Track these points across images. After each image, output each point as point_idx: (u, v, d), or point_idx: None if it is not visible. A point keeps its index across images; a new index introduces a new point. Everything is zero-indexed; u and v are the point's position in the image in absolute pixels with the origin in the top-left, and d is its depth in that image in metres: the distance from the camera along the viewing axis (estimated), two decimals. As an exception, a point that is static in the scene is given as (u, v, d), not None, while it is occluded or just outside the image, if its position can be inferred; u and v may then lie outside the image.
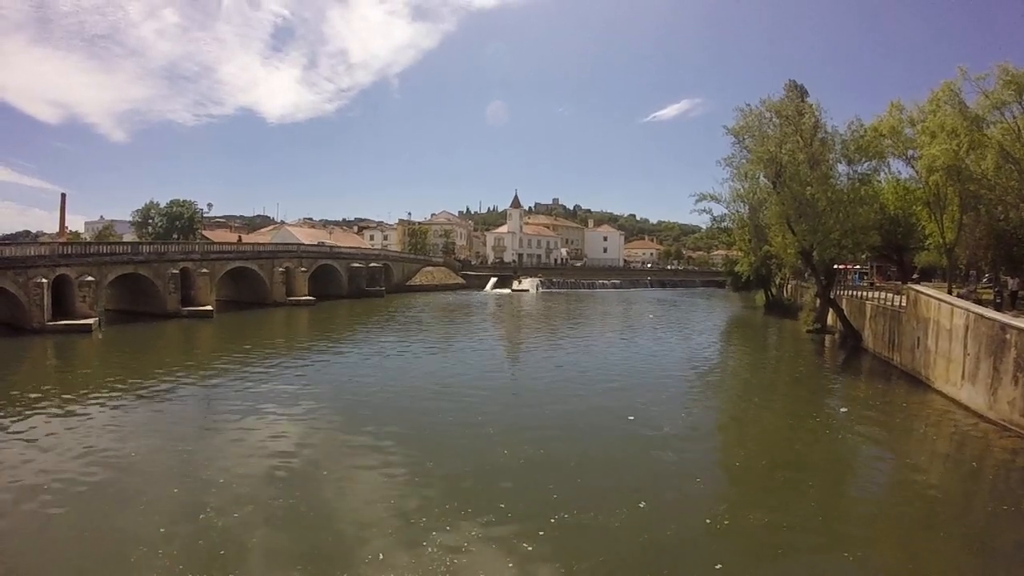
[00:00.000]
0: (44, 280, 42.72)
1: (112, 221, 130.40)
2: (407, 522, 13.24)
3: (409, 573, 11.16)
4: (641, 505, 14.26)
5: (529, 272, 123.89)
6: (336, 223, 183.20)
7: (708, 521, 13.73)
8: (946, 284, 39.89)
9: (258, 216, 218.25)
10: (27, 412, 21.72)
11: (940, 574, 11.97)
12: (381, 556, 11.77)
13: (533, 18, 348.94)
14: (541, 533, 12.71)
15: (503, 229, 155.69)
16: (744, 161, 43.40)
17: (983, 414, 21.73)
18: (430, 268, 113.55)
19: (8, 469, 16.24)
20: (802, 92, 44.60)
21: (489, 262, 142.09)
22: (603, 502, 14.36)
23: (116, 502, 14.25)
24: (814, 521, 13.92)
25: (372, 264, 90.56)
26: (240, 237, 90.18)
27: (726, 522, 13.69)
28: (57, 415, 21.58)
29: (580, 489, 15.31)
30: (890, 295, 36.30)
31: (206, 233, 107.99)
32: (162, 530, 12.75)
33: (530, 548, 12.12)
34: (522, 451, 18.19)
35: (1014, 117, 33.38)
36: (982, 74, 34.42)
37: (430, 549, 12.02)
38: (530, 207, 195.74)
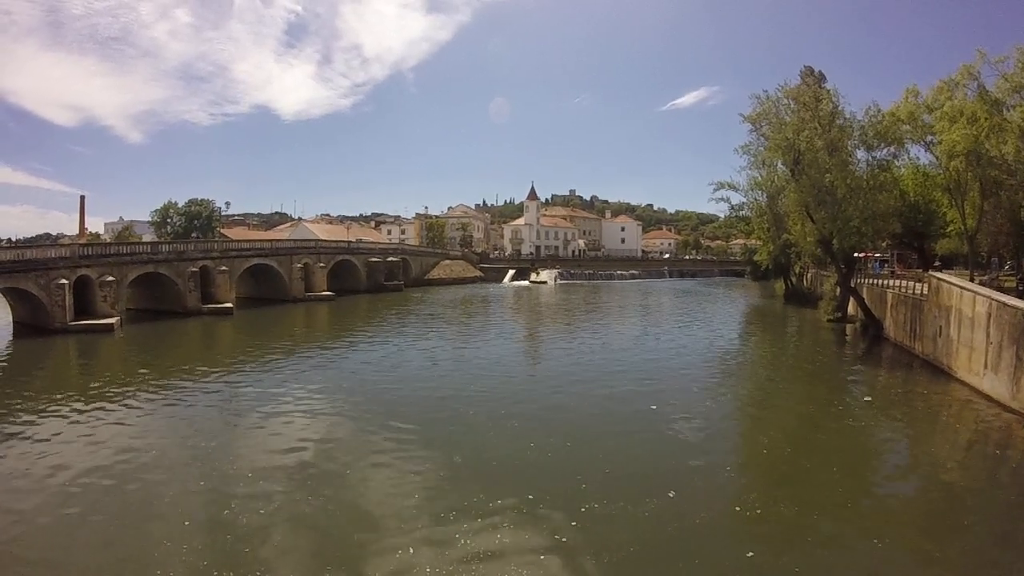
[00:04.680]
0: (65, 281, 43.32)
1: (131, 222, 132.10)
2: (436, 515, 13.34)
3: (440, 566, 11.23)
4: (671, 495, 14.39)
5: (547, 264, 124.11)
6: (353, 218, 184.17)
7: (738, 509, 13.90)
8: (968, 272, 39.28)
9: (276, 213, 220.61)
10: (52, 410, 22.17)
11: (964, 563, 11.97)
12: (411, 550, 11.84)
13: (548, 8, 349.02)
14: (573, 523, 12.86)
15: (520, 221, 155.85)
16: (762, 149, 43.10)
17: (1006, 404, 21.46)
18: (448, 261, 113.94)
19: (34, 465, 16.60)
20: (819, 78, 44.03)
21: (507, 254, 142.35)
22: (632, 492, 14.49)
23: (140, 497, 14.47)
24: (841, 509, 13.95)
25: (390, 258, 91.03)
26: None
27: (758, 511, 13.79)
28: (81, 413, 21.91)
29: (608, 479, 15.41)
30: (911, 283, 35.82)
31: (224, 231, 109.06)
32: (186, 523, 12.96)
33: (563, 539, 12.26)
34: (548, 443, 18.31)
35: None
36: (1001, 57, 33.90)
37: (461, 541, 12.16)
38: (547, 199, 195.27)
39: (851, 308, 46.19)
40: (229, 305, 56.95)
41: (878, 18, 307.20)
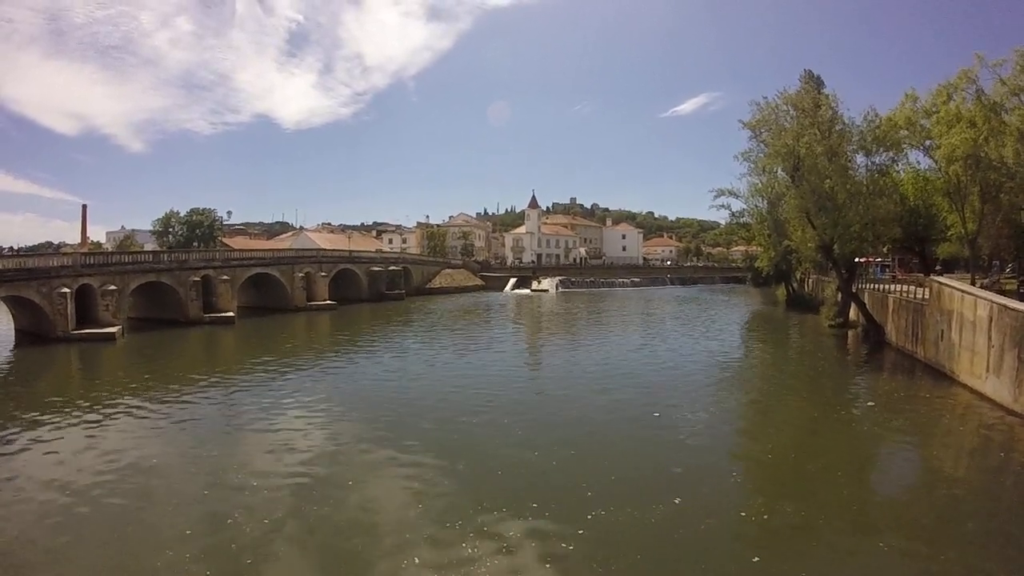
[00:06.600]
0: (67, 290, 43.43)
1: (133, 231, 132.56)
2: (441, 525, 13.28)
3: (447, 576, 11.19)
4: (676, 501, 14.39)
5: (548, 272, 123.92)
6: (355, 227, 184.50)
7: (743, 514, 13.93)
8: (969, 275, 39.24)
9: (277, 222, 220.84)
10: (54, 419, 22.16)
11: (969, 567, 11.93)
12: (417, 560, 11.79)
13: (549, 15, 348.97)
14: (580, 531, 12.81)
15: (521, 230, 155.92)
16: (761, 155, 43.04)
17: (1008, 407, 21.43)
18: (449, 270, 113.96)
19: (36, 474, 16.59)
20: (818, 83, 44.07)
21: (508, 263, 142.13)
22: (638, 499, 14.49)
23: (143, 507, 14.44)
24: (846, 514, 13.97)
25: (391, 267, 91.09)
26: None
27: (763, 516, 13.83)
28: (83, 422, 21.98)
29: (614, 487, 15.39)
30: (912, 288, 35.81)
31: (226, 240, 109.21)
32: (188, 532, 12.92)
33: (570, 547, 12.23)
34: (552, 451, 18.28)
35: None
36: (999, 60, 33.98)
37: (468, 551, 12.10)
38: (548, 207, 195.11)
39: (852, 313, 46.23)
40: (231, 314, 56.95)
41: (877, 23, 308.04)
